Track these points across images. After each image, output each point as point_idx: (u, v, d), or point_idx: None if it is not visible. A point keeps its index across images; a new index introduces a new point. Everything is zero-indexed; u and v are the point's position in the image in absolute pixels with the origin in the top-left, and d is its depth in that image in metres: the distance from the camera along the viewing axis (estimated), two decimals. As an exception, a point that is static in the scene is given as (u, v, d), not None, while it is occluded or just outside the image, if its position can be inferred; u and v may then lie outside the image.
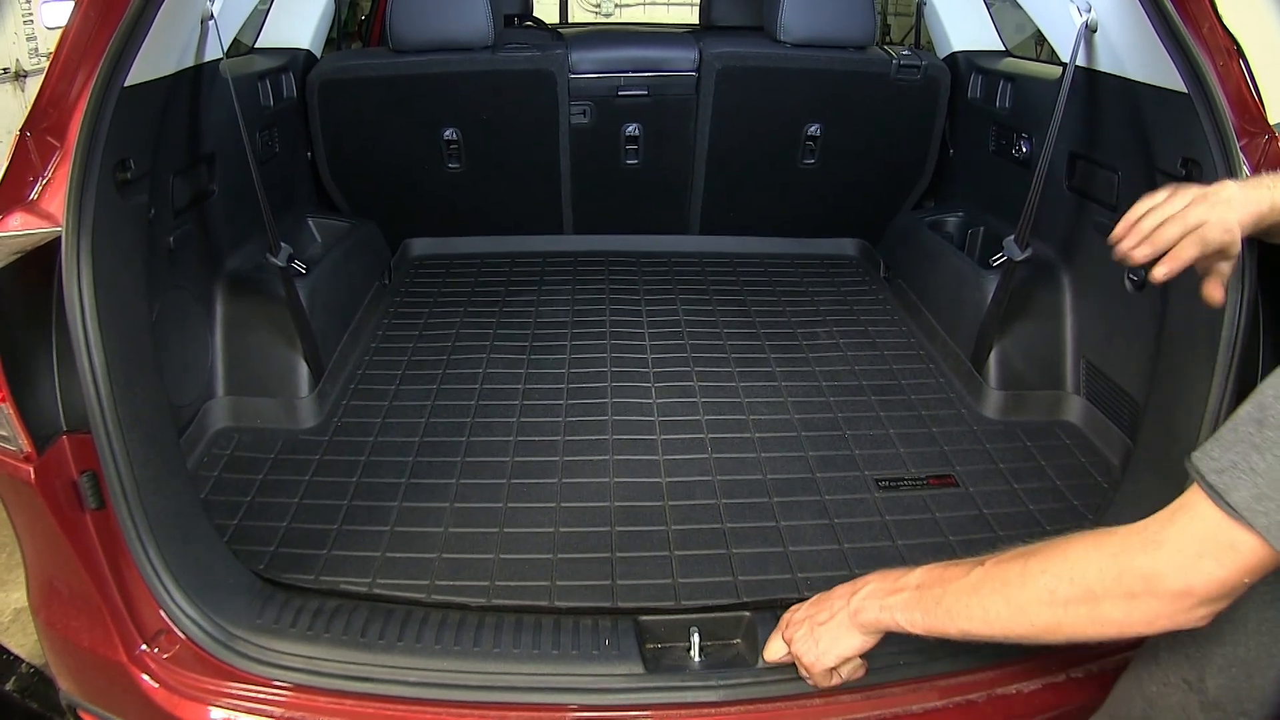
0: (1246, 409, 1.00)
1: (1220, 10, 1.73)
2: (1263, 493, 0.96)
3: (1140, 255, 1.34)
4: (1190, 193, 1.33)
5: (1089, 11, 2.18)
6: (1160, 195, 1.35)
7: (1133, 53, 2.03)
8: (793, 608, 1.47)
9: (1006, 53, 3.24)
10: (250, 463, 2.19)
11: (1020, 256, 2.33)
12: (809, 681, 1.41)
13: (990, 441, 2.31)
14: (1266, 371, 1.62)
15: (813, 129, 3.21)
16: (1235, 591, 1.02)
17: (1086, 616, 1.07)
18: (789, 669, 1.51)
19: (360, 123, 3.17)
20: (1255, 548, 0.98)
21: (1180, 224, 1.31)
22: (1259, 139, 1.67)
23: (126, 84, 1.62)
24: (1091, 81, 2.29)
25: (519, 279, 3.27)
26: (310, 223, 3.19)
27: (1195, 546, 1.01)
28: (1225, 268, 1.37)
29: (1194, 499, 1.02)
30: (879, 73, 3.11)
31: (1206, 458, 1.01)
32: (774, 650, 1.48)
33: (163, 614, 1.58)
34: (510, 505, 2.03)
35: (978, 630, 1.15)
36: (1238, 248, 1.33)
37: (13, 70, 4.92)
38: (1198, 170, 1.75)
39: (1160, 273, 1.33)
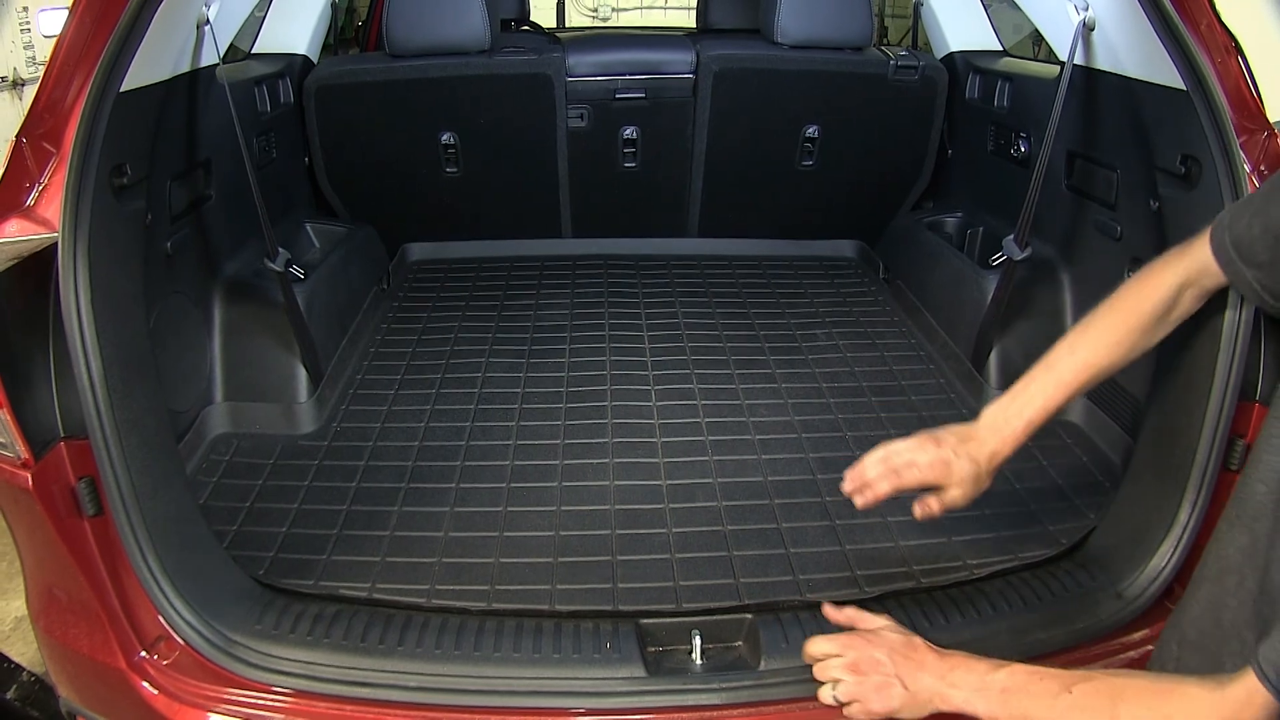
0: None
1: (1218, 7, 1.73)
2: None
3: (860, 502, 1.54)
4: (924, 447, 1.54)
5: (1086, 10, 2.17)
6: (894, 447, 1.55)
7: (1131, 51, 2.03)
8: (870, 638, 1.42)
9: (1004, 52, 3.24)
10: (249, 468, 2.19)
11: (1020, 256, 2.32)
12: (823, 687, 1.42)
13: (991, 442, 2.29)
14: (1267, 369, 1.62)
15: (810, 130, 3.21)
16: None
17: None
18: (791, 672, 1.51)
19: (357, 128, 3.17)
20: None
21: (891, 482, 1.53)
22: (1258, 136, 1.67)
23: (122, 89, 1.61)
24: (1090, 80, 2.29)
25: (517, 283, 3.27)
26: (308, 228, 3.19)
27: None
28: (948, 496, 1.54)
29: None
30: (876, 74, 3.11)
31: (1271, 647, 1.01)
32: (819, 648, 1.43)
33: (162, 620, 1.57)
34: (510, 509, 2.02)
35: None
36: (959, 493, 1.53)
37: (10, 79, 4.92)
38: (1197, 167, 1.75)
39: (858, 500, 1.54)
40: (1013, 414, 1.51)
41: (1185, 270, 1.42)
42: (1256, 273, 1.32)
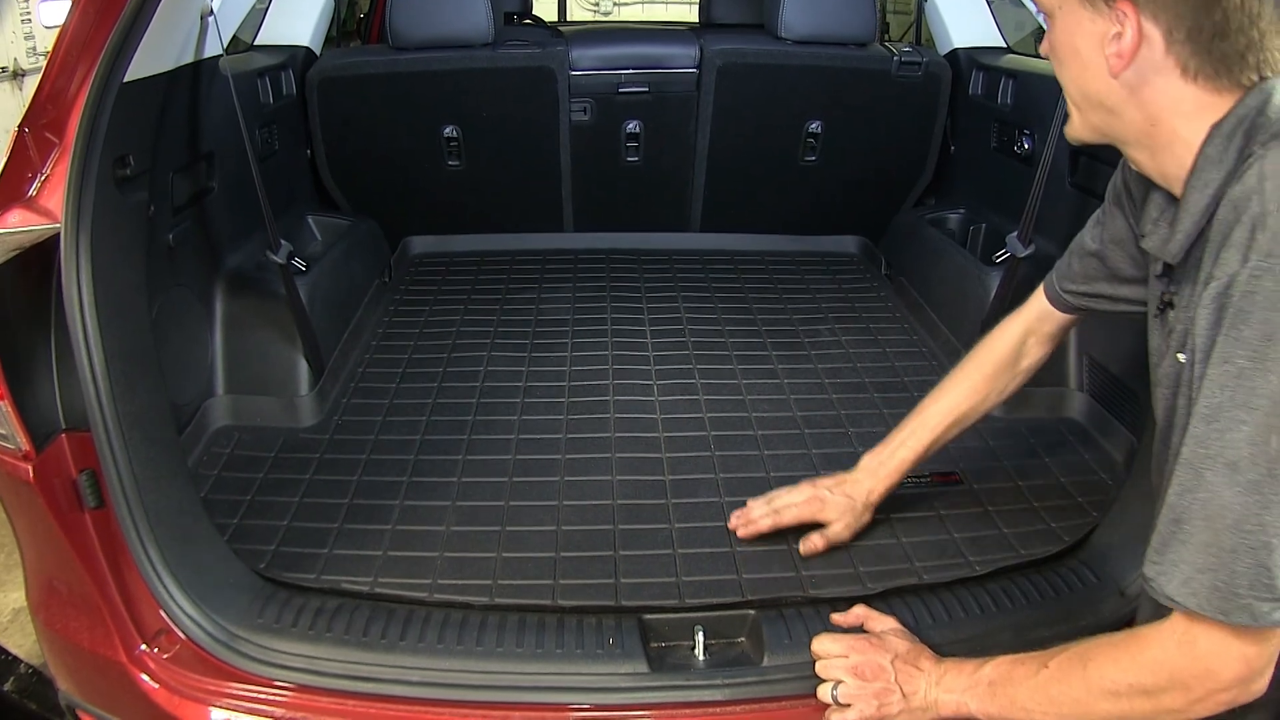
0: (1163, 514, 1.05)
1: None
2: (1189, 577, 1.02)
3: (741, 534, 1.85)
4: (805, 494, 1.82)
5: (1092, 7, 2.16)
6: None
7: (1137, 47, 2.02)
8: (876, 643, 1.46)
9: (1008, 49, 3.24)
10: (250, 461, 2.18)
11: (1023, 253, 2.32)
12: (823, 685, 1.44)
13: (994, 439, 2.29)
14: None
15: (814, 126, 3.20)
16: (1276, 652, 1.05)
17: (1150, 708, 1.14)
18: (794, 668, 1.51)
19: (360, 120, 3.16)
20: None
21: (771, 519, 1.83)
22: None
23: (126, 80, 1.60)
24: (1095, 77, 2.28)
25: (519, 276, 3.26)
26: (310, 220, 3.18)
27: (1227, 634, 1.04)
28: (830, 531, 1.81)
29: None
30: (880, 70, 3.10)
31: (1149, 564, 1.07)
32: (825, 647, 1.49)
33: (163, 613, 1.57)
34: (512, 503, 2.02)
35: None
36: (839, 527, 1.80)
37: (11, 69, 4.91)
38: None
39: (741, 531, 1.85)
40: (886, 457, 1.80)
41: (1025, 320, 1.66)
42: (1088, 297, 1.52)
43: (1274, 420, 0.94)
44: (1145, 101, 1.07)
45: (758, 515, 1.83)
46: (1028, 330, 1.67)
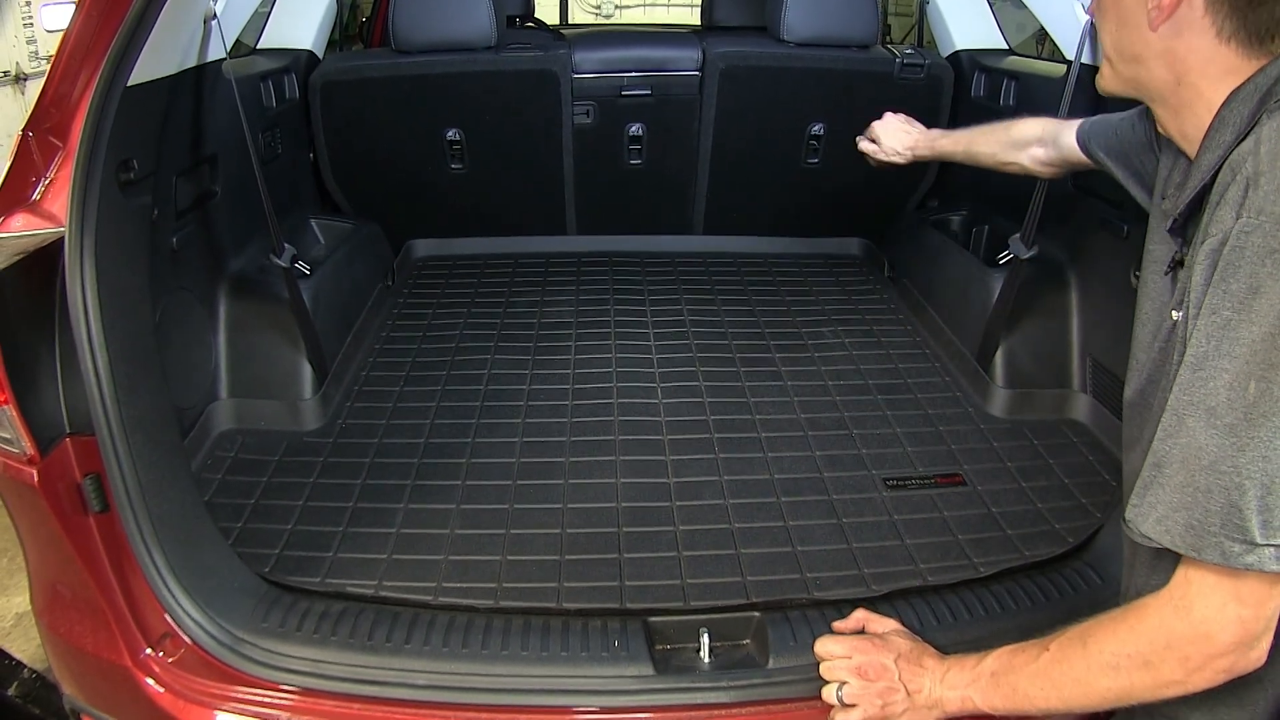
0: (1147, 460, 1.06)
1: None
2: (1164, 515, 1.03)
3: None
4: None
5: (1094, 8, 2.16)
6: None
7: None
8: (879, 644, 1.46)
9: (1010, 51, 3.23)
10: (254, 465, 2.18)
11: (1026, 255, 2.32)
12: (827, 686, 1.43)
13: (997, 440, 2.29)
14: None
15: (816, 128, 3.20)
16: (1274, 617, 1.05)
17: (1150, 681, 1.13)
18: (799, 670, 1.50)
19: (363, 123, 3.16)
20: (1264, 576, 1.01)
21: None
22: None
23: (129, 84, 1.60)
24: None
25: (523, 280, 3.26)
26: (313, 224, 3.18)
27: (1223, 597, 1.04)
28: (881, 151, 2.18)
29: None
30: (882, 72, 3.10)
31: (1130, 508, 1.07)
32: (828, 649, 1.48)
33: (167, 617, 1.57)
34: (516, 506, 2.02)
35: (1056, 707, 1.23)
36: (901, 158, 2.15)
37: (13, 73, 4.91)
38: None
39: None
40: (941, 136, 2.08)
41: (1047, 127, 1.76)
42: (1102, 161, 1.57)
43: (1253, 367, 0.97)
44: (1177, 59, 1.09)
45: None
46: (1042, 136, 1.77)
